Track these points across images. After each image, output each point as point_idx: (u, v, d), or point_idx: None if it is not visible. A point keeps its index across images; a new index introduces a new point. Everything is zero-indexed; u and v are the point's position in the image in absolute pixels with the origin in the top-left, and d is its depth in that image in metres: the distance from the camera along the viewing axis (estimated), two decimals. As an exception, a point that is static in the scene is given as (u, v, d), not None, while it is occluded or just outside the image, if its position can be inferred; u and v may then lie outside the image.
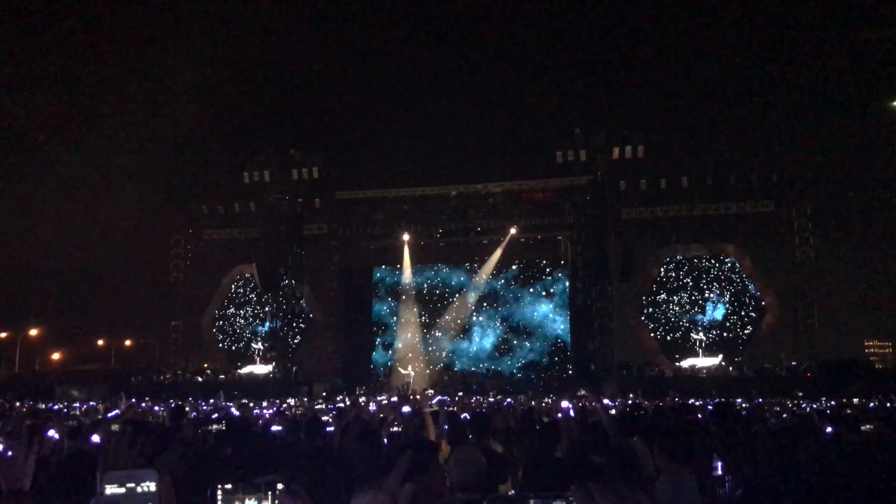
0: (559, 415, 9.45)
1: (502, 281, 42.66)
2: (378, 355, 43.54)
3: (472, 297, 42.52)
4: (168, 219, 43.67)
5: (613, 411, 11.44)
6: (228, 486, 3.36)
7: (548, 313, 41.99)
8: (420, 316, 42.90)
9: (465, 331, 42.64)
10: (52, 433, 7.12)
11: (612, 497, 1.62)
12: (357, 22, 53.95)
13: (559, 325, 41.72)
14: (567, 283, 41.15)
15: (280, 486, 3.22)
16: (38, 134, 42.41)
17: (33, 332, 45.64)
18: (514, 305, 42.45)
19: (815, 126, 42.99)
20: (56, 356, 47.90)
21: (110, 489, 2.21)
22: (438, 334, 42.67)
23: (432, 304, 43.25)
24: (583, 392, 29.22)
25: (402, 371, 39.49)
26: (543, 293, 42.22)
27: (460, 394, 29.89)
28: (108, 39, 44.38)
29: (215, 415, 13.63)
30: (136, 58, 44.45)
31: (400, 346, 42.57)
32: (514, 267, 42.59)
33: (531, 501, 2.13)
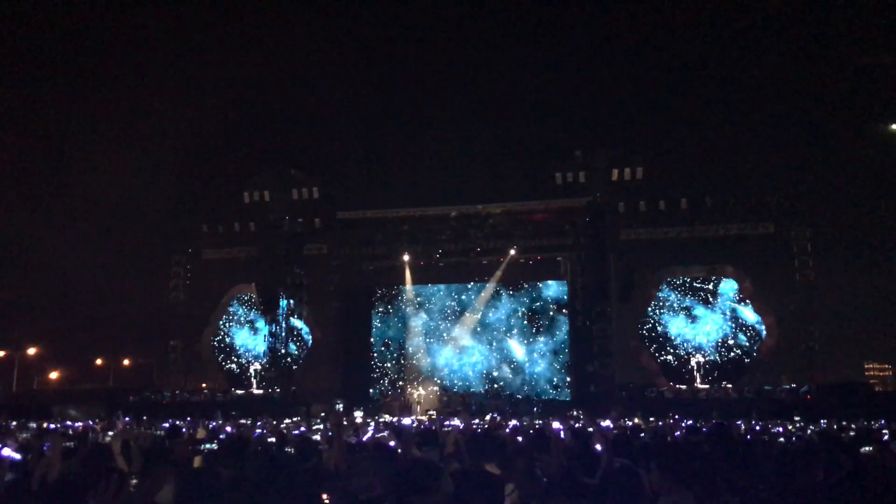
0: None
1: (502, 314, 42.53)
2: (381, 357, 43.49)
3: (470, 320, 42.43)
4: (168, 238, 43.71)
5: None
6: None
7: (546, 352, 41.81)
8: (420, 335, 42.85)
9: (462, 350, 42.48)
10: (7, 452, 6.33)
11: None
12: (358, 43, 54.31)
13: (554, 370, 41.60)
14: (567, 327, 41.18)
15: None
16: (37, 154, 42.58)
17: (31, 351, 45.52)
18: (511, 340, 42.29)
19: (814, 148, 43.12)
20: (54, 375, 47.76)
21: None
22: (437, 353, 42.57)
23: (433, 324, 43.14)
24: (574, 413, 29.11)
25: (410, 392, 39.54)
26: (542, 336, 42.00)
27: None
28: (109, 60, 44.63)
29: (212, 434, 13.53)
30: (136, 78, 44.70)
31: (402, 364, 42.64)
32: (515, 306, 42.47)
33: None
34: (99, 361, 48.07)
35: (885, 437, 12.32)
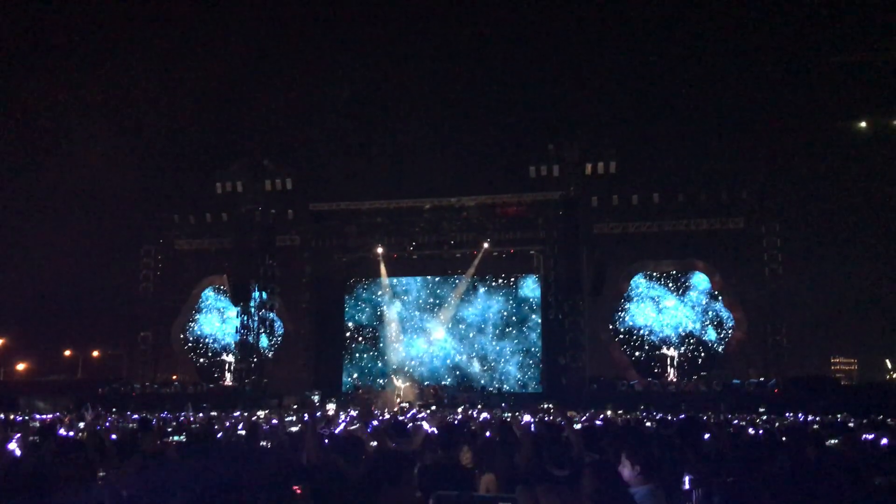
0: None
1: (476, 309, 42.58)
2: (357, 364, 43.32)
3: (444, 314, 42.46)
4: (138, 228, 43.16)
5: (578, 426, 11.43)
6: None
7: (517, 350, 42.00)
8: (394, 328, 42.83)
9: (434, 344, 42.50)
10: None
11: (556, 499, 1.62)
12: (332, 35, 53.96)
13: (525, 368, 41.75)
14: (539, 328, 41.40)
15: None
16: (3, 142, 41.86)
17: (-3, 341, 44.82)
18: (484, 336, 42.41)
19: (785, 145, 43.60)
20: (21, 366, 47.04)
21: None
22: (409, 347, 42.59)
23: (407, 317, 43.11)
24: (546, 405, 29.30)
25: (383, 385, 39.56)
26: (515, 334, 42.18)
27: (433, 407, 29.90)
28: (76, 49, 43.93)
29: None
30: (105, 66, 44.04)
31: (375, 357, 42.62)
32: (490, 303, 42.55)
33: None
34: (67, 352, 47.45)
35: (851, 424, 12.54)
